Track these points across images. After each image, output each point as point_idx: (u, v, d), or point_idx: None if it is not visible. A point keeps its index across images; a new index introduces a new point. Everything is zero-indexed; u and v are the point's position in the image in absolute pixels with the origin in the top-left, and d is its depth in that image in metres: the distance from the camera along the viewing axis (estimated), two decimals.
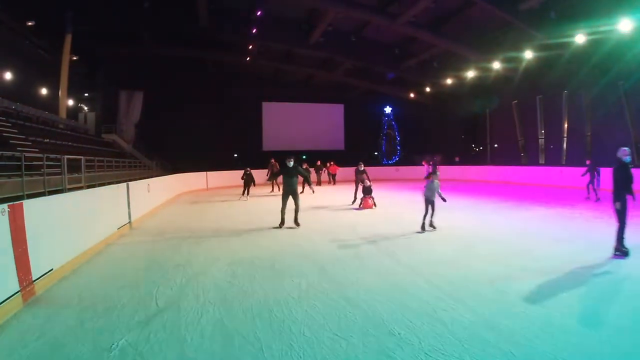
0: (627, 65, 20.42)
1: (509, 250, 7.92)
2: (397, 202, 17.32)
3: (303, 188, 19.52)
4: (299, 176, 11.77)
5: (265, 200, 19.35)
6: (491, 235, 9.40)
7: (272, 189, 23.12)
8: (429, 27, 26.16)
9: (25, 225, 5.55)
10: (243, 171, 19.90)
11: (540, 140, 27.64)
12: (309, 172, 23.33)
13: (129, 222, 11.62)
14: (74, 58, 26.91)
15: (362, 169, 16.33)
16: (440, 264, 7.00)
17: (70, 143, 20.50)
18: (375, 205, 15.08)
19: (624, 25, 18.21)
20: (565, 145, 25.49)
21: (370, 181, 15.78)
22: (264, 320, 4.75)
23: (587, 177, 16.22)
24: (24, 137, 16.36)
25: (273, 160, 23.67)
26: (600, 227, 9.99)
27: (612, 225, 10.18)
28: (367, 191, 15.28)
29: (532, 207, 14.38)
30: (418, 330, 4.35)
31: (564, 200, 16.34)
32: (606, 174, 11.18)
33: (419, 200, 11.17)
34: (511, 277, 6.14)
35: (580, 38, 20.30)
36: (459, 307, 4.94)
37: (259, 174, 23.30)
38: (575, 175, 19.49)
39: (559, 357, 3.65)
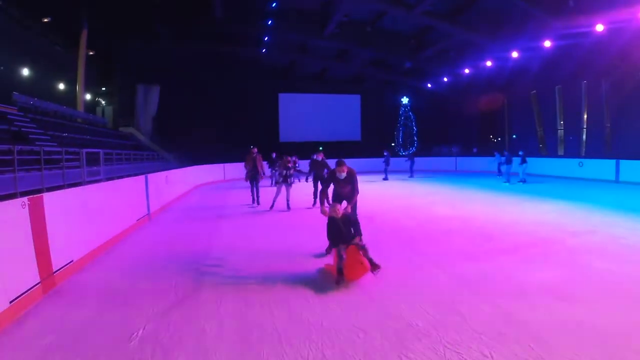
0: None
1: (526, 241, 7.83)
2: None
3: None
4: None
5: None
6: (509, 227, 9.31)
7: (254, 201, 14.80)
8: (446, 17, 25.88)
9: (45, 218, 5.62)
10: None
11: (559, 131, 27.24)
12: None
13: (148, 214, 11.72)
14: (90, 53, 27.13)
15: (343, 174, 7.13)
16: (458, 256, 6.96)
17: (88, 137, 20.70)
18: (374, 267, 5.84)
19: None
20: (584, 137, 25.09)
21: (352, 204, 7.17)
22: (282, 310, 4.76)
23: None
24: (42, 131, 16.55)
25: (256, 150, 15.13)
26: (619, 221, 9.81)
27: (633, 218, 10.11)
28: (341, 237, 6.18)
29: (551, 199, 14.19)
30: (436, 322, 4.32)
31: (583, 193, 16.11)
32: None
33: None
34: (529, 270, 6.07)
35: (599, 27, 19.90)
36: (477, 300, 4.90)
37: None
38: (594, 167, 19.36)
39: (578, 352, 3.59)
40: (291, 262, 6.90)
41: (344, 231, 6.24)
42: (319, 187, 12.95)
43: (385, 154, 25.55)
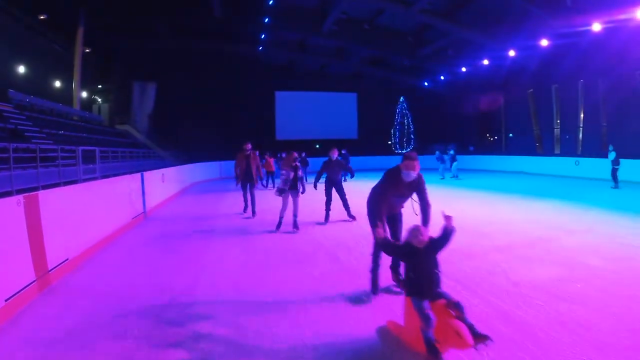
0: None
1: (523, 240, 7.83)
2: None
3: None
4: None
5: None
6: (505, 226, 9.31)
7: (246, 209, 12.03)
8: (443, 15, 25.92)
9: (41, 216, 5.59)
10: None
11: (555, 130, 27.29)
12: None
13: (144, 212, 11.69)
14: (87, 50, 27.08)
15: (413, 174, 4.73)
16: (454, 254, 6.95)
17: (84, 134, 20.69)
18: (479, 338, 3.46)
19: None
20: (581, 136, 25.13)
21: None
22: (278, 310, 4.73)
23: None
24: (38, 129, 16.53)
25: (249, 147, 11.59)
26: (615, 220, 9.82)
27: (630, 218, 10.10)
28: (430, 283, 3.75)
29: (547, 197, 14.21)
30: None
31: (579, 191, 16.14)
32: None
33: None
34: (525, 268, 6.07)
35: (596, 26, 19.94)
36: (473, 299, 4.90)
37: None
38: (590, 165, 19.40)
39: (575, 351, 3.59)
40: (287, 259, 6.86)
41: (432, 273, 3.81)
42: (334, 195, 10.47)
43: (343, 152, 24.89)
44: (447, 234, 3.90)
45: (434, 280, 3.75)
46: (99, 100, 34.45)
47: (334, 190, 10.41)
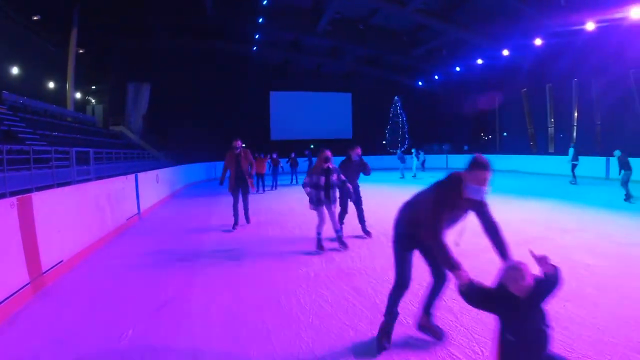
0: (638, 53, 20.03)
1: (517, 240, 7.85)
2: None
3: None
4: None
5: None
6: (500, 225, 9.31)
7: (237, 222, 9.75)
8: (438, 15, 25.98)
9: (34, 218, 5.56)
10: None
11: (549, 129, 27.40)
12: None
13: (138, 213, 11.65)
14: (81, 51, 27.00)
15: (483, 190, 3.45)
16: None
17: (78, 136, 20.60)
18: None
19: (635, 12, 17.93)
20: (575, 134, 25.24)
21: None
22: (273, 309, 4.74)
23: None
24: (32, 130, 16.45)
25: (240, 144, 10.03)
26: (610, 218, 9.86)
27: (624, 216, 10.14)
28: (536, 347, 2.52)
29: (541, 196, 14.25)
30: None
31: (573, 190, 16.18)
32: None
33: None
34: None
35: (590, 25, 20.03)
36: None
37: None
38: (584, 164, 19.49)
39: (570, 349, 3.61)
40: (282, 259, 6.84)
41: (540, 332, 2.58)
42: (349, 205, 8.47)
43: (300, 155, 24.91)
44: (554, 279, 2.82)
45: (542, 341, 2.56)
46: (93, 101, 34.37)
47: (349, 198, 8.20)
